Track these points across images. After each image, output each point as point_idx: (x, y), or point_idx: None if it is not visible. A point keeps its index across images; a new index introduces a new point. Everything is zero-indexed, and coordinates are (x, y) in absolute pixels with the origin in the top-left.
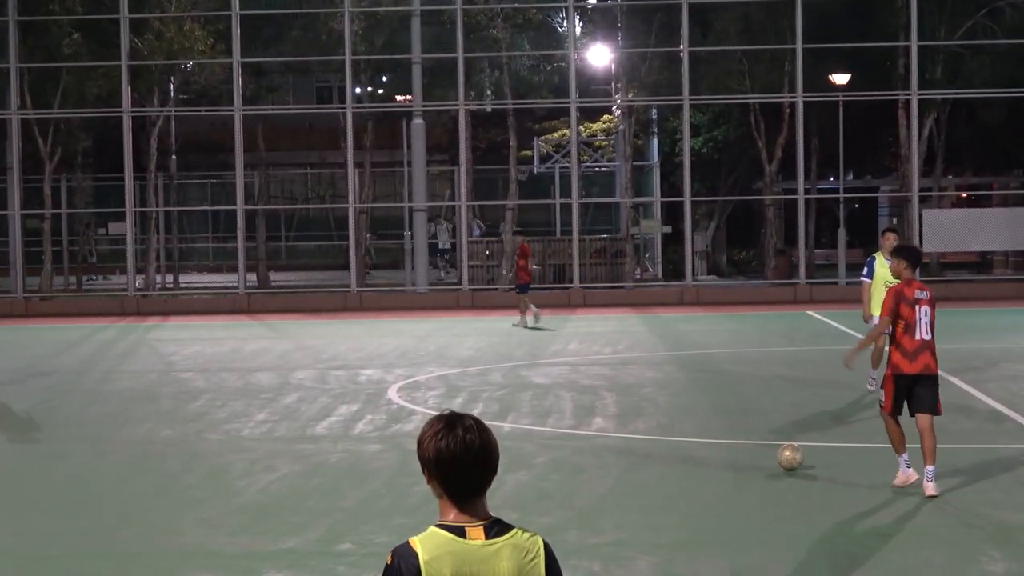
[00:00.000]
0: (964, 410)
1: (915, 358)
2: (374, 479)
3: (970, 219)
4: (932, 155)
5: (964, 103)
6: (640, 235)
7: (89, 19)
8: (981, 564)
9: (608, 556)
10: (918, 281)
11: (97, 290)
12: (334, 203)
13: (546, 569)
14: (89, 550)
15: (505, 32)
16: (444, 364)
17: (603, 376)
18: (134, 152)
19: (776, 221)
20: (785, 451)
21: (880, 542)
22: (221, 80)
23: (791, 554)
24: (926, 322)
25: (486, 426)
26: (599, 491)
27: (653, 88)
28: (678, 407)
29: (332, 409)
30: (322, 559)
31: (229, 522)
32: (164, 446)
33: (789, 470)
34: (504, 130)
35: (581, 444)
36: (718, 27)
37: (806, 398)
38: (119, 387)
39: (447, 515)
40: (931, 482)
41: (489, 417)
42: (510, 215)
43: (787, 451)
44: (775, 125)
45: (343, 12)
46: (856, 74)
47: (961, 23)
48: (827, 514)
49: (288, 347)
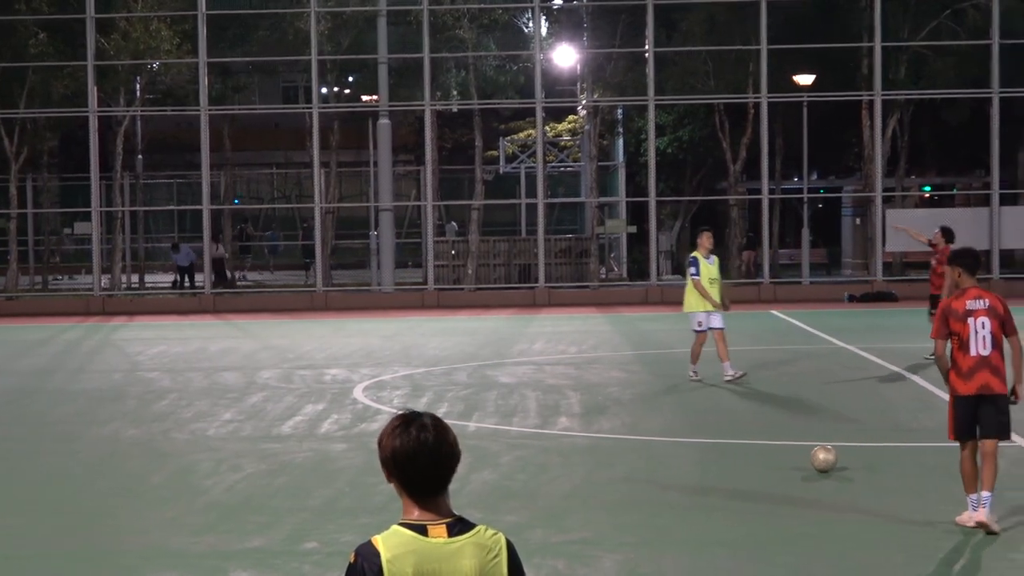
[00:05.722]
0: (927, 408)
1: (971, 377)
2: (339, 478)
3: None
4: (895, 155)
5: (927, 104)
6: (605, 235)
7: (55, 19)
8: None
9: (573, 554)
10: (977, 289)
11: (63, 290)
12: (300, 203)
13: (509, 567)
14: (56, 549)
15: (471, 32)
16: (409, 364)
17: (568, 375)
18: (100, 152)
19: (740, 221)
20: (819, 453)
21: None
22: (187, 80)
23: (755, 552)
24: (984, 335)
25: (445, 425)
26: (564, 490)
27: (618, 88)
28: (643, 406)
29: (298, 408)
30: (287, 558)
31: (195, 521)
32: (130, 445)
33: (823, 472)
34: (470, 130)
35: (546, 443)
36: (683, 28)
37: (771, 397)
38: (85, 387)
39: (410, 514)
40: (985, 508)
41: (454, 417)
42: (476, 215)
43: (820, 452)
44: (740, 125)
45: (309, 12)
46: (820, 75)
47: (925, 24)
48: (791, 512)
49: (254, 347)
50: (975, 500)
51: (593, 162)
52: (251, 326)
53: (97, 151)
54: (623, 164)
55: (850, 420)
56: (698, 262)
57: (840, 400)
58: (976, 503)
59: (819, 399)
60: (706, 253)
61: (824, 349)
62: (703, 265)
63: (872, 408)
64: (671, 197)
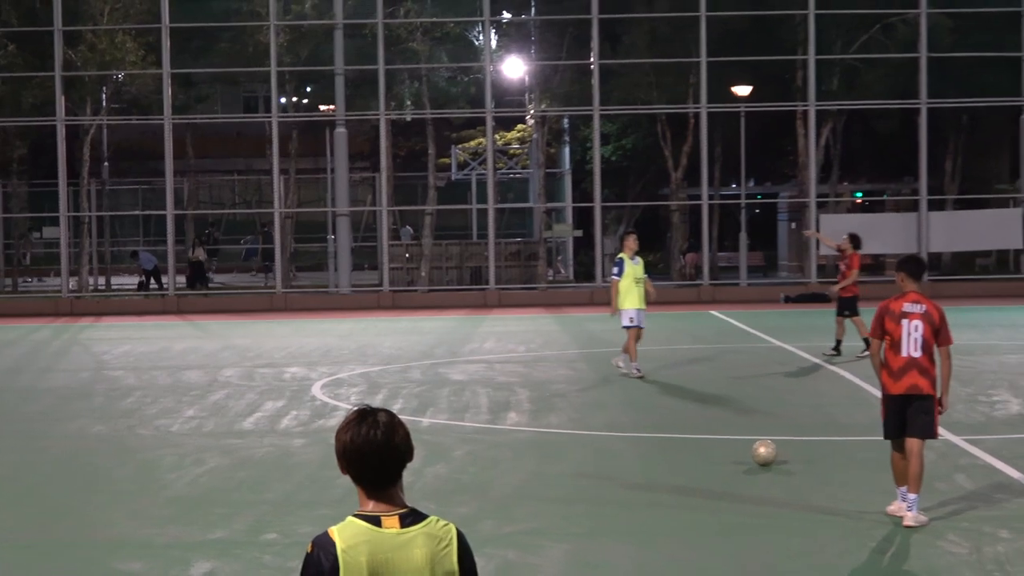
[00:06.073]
0: (859, 404)
1: (900, 377)
2: (298, 472)
3: (865, 223)
4: (829, 163)
5: (859, 114)
6: (553, 239)
7: (24, 31)
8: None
9: (522, 544)
10: (916, 294)
11: (32, 291)
12: (260, 208)
13: (458, 556)
14: (24, 541)
15: (424, 45)
16: (366, 362)
17: (517, 373)
18: (68, 159)
19: (682, 226)
20: (760, 447)
21: (781, 529)
22: (152, 90)
23: (697, 542)
24: (915, 338)
25: (396, 422)
26: (514, 482)
27: (565, 99)
28: (589, 402)
29: (258, 405)
30: (248, 548)
31: (159, 513)
32: (96, 441)
33: (764, 465)
34: (423, 139)
35: (497, 438)
36: (627, 41)
37: (711, 394)
38: (53, 385)
39: (365, 506)
40: (911, 511)
41: (409, 413)
42: (429, 220)
43: (761, 447)
44: (681, 134)
45: (269, 25)
46: (757, 86)
47: (856, 37)
48: (731, 503)
49: (216, 346)
50: (904, 491)
51: (541, 169)
52: (213, 326)
53: (65, 158)
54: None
55: (787, 416)
56: (623, 263)
57: (777, 396)
58: (903, 498)
59: (757, 395)
60: (631, 254)
61: (761, 348)
62: (628, 265)
63: (807, 404)
64: (615, 203)
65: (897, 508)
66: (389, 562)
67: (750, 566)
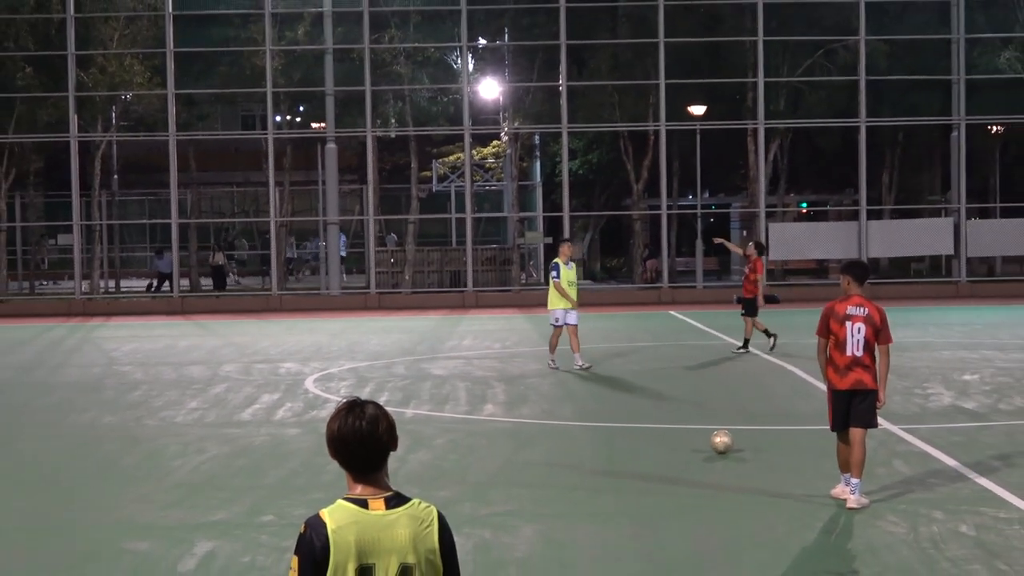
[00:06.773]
0: (803, 396)
1: (846, 374)
2: (293, 459)
3: (810, 231)
4: (777, 176)
5: (804, 131)
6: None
7: (40, 55)
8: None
9: (498, 525)
10: (859, 298)
11: (47, 294)
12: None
13: (439, 535)
14: (37, 524)
15: (407, 68)
16: (354, 358)
17: (494, 368)
18: (80, 172)
19: (643, 233)
20: (718, 436)
21: (734, 511)
22: (157, 109)
23: (656, 523)
24: (858, 339)
25: (381, 413)
26: (490, 469)
27: (536, 117)
28: (559, 395)
29: (256, 398)
30: (247, 529)
31: (164, 498)
32: (106, 431)
33: (722, 453)
34: (406, 154)
35: (474, 427)
36: (592, 65)
37: (671, 387)
38: (66, 379)
39: (353, 489)
40: (854, 495)
41: (394, 404)
42: (412, 228)
43: (718, 436)
44: (642, 150)
45: (265, 50)
46: (711, 106)
47: (801, 62)
48: (688, 488)
49: (217, 344)
50: (847, 477)
51: (514, 182)
52: (214, 325)
53: (78, 172)
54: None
55: (739, 407)
56: (559, 267)
57: (730, 389)
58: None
59: (712, 388)
60: (566, 260)
61: (716, 345)
62: (563, 270)
63: (758, 396)
64: (582, 212)
65: (840, 491)
66: (376, 541)
67: (706, 545)
